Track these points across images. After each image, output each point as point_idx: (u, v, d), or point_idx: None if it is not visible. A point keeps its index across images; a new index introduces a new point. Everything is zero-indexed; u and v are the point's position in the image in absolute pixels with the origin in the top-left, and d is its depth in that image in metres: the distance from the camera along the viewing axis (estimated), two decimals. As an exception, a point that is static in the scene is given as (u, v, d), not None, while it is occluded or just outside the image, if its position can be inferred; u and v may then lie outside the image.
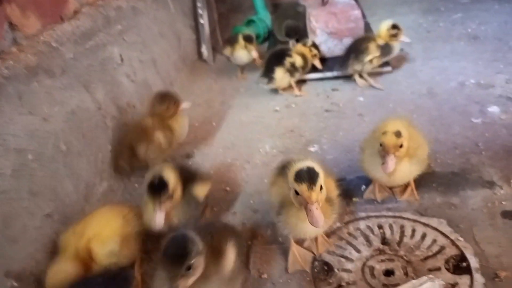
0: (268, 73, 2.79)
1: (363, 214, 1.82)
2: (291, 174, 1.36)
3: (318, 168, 1.36)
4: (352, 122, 2.46)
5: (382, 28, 2.74)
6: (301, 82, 2.94)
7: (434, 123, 2.30)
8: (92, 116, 2.05)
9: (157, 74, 2.88)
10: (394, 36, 2.72)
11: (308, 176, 1.32)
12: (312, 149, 2.29)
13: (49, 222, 1.63)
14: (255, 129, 2.54)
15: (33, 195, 1.59)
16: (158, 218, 1.53)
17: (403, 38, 2.75)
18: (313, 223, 1.29)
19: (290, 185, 1.37)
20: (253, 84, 3.01)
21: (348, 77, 2.90)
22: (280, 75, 2.76)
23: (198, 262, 1.19)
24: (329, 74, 2.96)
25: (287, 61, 2.76)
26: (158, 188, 1.54)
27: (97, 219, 1.57)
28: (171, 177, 1.58)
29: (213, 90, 3.10)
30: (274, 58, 2.81)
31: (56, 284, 1.38)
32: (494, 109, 2.34)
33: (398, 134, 1.60)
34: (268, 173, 2.09)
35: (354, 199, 1.90)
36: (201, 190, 1.74)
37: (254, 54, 3.03)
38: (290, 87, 2.84)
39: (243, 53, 3.05)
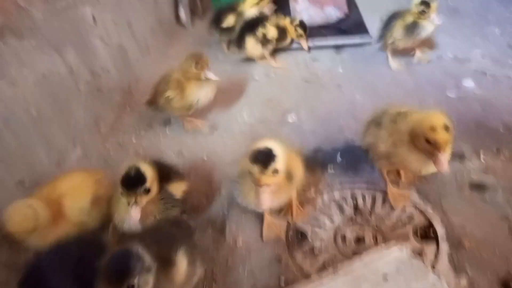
0: (239, 41, 2.73)
1: (337, 185, 1.85)
2: (248, 152, 1.37)
3: (277, 150, 1.36)
4: (331, 93, 2.46)
5: (413, 2, 2.41)
6: (281, 51, 2.90)
7: (410, 95, 2.33)
8: (63, 80, 1.98)
9: (132, 38, 2.78)
10: (422, 14, 2.39)
11: (263, 158, 1.33)
12: (290, 119, 2.29)
13: (20, 190, 1.60)
14: (233, 98, 2.51)
15: (3, 162, 1.55)
16: (133, 214, 1.39)
17: (433, 18, 2.37)
18: (258, 204, 1.34)
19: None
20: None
21: (330, 47, 2.89)
22: (251, 44, 2.70)
23: (144, 281, 1.07)
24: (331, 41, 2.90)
25: (259, 31, 2.69)
26: (134, 181, 1.41)
27: (72, 178, 1.57)
28: (148, 171, 1.45)
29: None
30: (247, 27, 2.73)
31: (19, 219, 1.35)
32: (469, 83, 2.38)
33: (447, 128, 1.42)
34: (246, 142, 2.12)
35: (329, 169, 1.93)
36: (178, 188, 1.62)
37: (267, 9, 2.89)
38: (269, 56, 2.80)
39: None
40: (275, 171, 1.36)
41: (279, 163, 1.36)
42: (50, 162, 1.77)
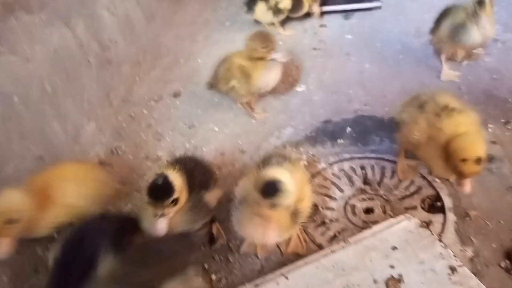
0: (250, 3, 2.69)
1: (347, 156, 1.89)
2: (257, 182, 1.27)
3: (288, 184, 1.24)
4: (339, 62, 2.46)
5: None
6: (288, 19, 2.85)
7: (419, 64, 2.32)
8: (74, 54, 1.99)
9: (137, 6, 2.74)
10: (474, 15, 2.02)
11: (273, 192, 1.22)
12: (299, 89, 2.30)
13: (41, 165, 1.65)
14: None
15: (22, 138, 1.59)
16: (159, 226, 1.29)
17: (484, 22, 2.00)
18: (261, 238, 1.30)
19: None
20: (239, 17, 2.91)
21: (338, 13, 2.84)
22: (261, 10, 2.67)
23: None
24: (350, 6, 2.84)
25: None
26: (161, 192, 1.29)
27: (63, 166, 1.53)
28: (177, 179, 1.33)
29: (197, 23, 3.00)
30: (262, -10, 2.68)
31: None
32: (479, 50, 2.36)
33: (479, 161, 1.38)
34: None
35: (339, 140, 1.96)
36: (213, 196, 1.49)
37: None
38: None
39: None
40: (285, 206, 1.26)
41: (290, 197, 1.25)
42: (67, 137, 1.81)
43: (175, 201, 1.31)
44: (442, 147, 1.44)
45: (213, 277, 1.48)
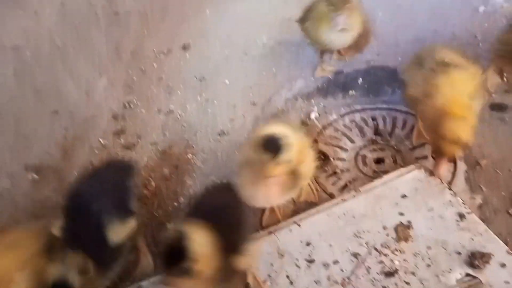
0: None
1: (358, 107, 1.89)
2: (255, 139, 1.23)
3: (290, 137, 1.22)
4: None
5: None
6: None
7: (434, 12, 2.24)
8: (81, 7, 1.97)
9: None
10: None
11: (274, 145, 1.19)
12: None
13: (57, 119, 1.68)
14: (251, 19, 2.45)
15: (37, 93, 1.61)
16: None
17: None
18: (264, 199, 1.28)
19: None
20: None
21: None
22: None
23: None
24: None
25: None
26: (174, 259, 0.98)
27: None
28: (200, 244, 1.02)
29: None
30: None
31: None
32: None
33: (461, 143, 1.38)
34: (267, 65, 2.13)
35: (351, 91, 1.95)
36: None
37: None
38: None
39: None
40: (287, 161, 1.21)
41: (293, 151, 1.21)
42: (80, 92, 1.83)
43: (191, 272, 0.97)
44: (435, 115, 1.40)
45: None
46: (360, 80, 1.98)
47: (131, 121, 1.97)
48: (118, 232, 1.22)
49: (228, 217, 1.17)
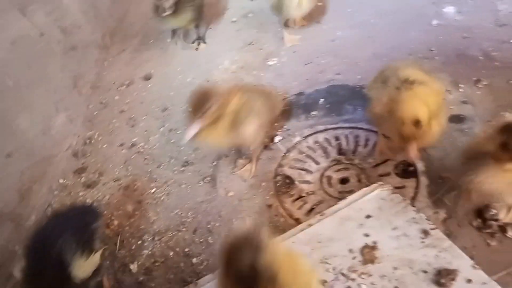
0: None
1: (321, 127, 1.89)
2: None
3: None
4: (311, 31, 2.41)
5: None
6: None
7: (391, 28, 2.29)
8: (35, 43, 1.93)
9: (100, -15, 2.64)
10: None
11: None
12: (270, 62, 2.27)
13: (11, 162, 1.62)
14: (213, 43, 2.45)
15: (-12, 137, 1.56)
16: None
17: None
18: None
19: None
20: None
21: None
22: None
23: None
24: None
25: None
26: None
27: None
28: None
29: None
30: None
31: None
32: (450, 9, 2.33)
33: (417, 123, 1.40)
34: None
35: (313, 112, 1.96)
36: None
37: None
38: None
39: None
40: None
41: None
42: (36, 131, 1.78)
43: None
44: (398, 123, 1.41)
45: (194, 260, 1.50)
46: (321, 100, 1.98)
47: (92, 157, 1.92)
48: (83, 267, 1.20)
49: None
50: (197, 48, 2.41)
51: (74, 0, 2.32)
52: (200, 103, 1.48)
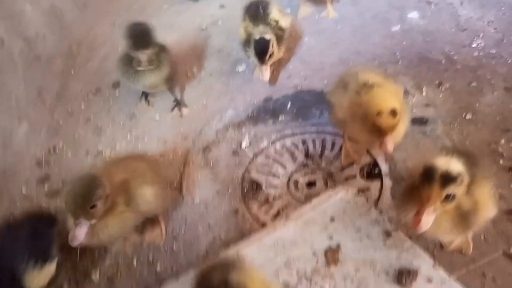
0: None
1: (288, 132, 1.90)
2: None
3: None
4: (279, 37, 2.42)
5: None
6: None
7: (355, 33, 2.32)
8: (-5, 54, 1.88)
9: (67, -5, 2.60)
10: None
11: None
12: (240, 69, 2.27)
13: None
14: (182, 50, 2.44)
15: None
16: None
17: None
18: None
19: None
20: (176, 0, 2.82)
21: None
22: None
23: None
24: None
25: None
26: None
27: None
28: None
29: (133, 9, 2.87)
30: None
31: None
32: (413, 14, 2.38)
33: (394, 113, 1.40)
34: (198, 97, 2.11)
35: (281, 117, 1.96)
36: None
37: None
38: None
39: None
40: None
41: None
42: (-5, 143, 1.73)
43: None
44: (362, 119, 1.44)
45: (158, 268, 1.48)
46: (289, 105, 2.00)
47: (56, 166, 1.88)
48: (36, 278, 1.18)
49: None
50: (181, 115, 2.06)
51: (38, 11, 2.28)
52: (85, 198, 1.25)
